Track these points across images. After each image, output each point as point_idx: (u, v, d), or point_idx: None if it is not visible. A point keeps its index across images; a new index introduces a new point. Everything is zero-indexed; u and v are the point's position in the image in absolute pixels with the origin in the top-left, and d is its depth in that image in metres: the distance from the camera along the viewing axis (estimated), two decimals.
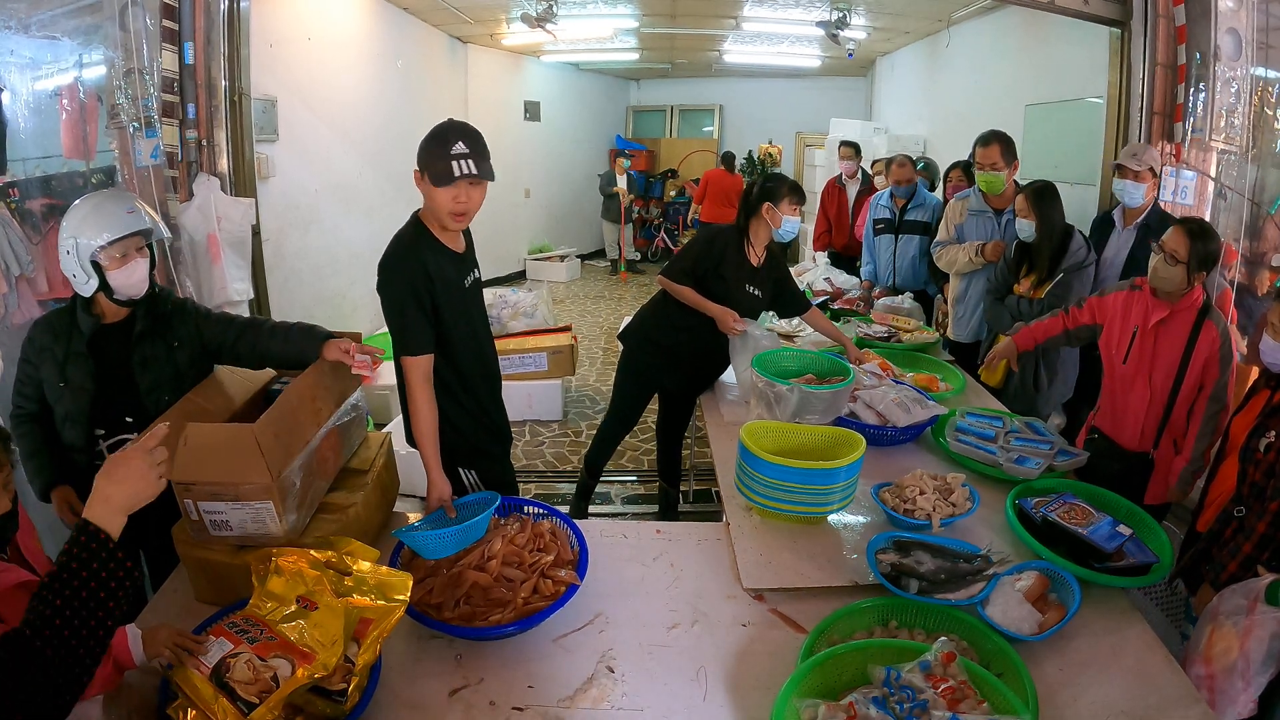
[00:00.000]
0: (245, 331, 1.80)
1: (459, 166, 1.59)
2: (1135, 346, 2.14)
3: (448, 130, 1.62)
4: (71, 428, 1.72)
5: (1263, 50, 2.87)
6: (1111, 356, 2.23)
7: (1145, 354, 2.12)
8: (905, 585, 1.44)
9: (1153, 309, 2.10)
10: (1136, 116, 3.08)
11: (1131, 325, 2.16)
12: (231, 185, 2.96)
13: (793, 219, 2.48)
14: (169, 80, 2.77)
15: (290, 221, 4.56)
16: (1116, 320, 2.21)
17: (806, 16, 5.67)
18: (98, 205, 1.66)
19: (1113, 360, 2.22)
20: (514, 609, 1.36)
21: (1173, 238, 2.00)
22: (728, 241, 2.53)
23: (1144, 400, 2.14)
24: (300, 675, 1.10)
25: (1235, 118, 2.91)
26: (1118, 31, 3.13)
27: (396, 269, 1.67)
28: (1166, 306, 2.07)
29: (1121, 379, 2.19)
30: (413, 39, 6.16)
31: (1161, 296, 2.08)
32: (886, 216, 3.83)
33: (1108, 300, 2.25)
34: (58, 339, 1.70)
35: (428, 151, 1.61)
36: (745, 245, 2.53)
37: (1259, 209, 2.86)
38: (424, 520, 1.62)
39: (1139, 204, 2.70)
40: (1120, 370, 2.18)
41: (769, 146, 9.78)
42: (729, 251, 2.52)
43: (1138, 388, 2.15)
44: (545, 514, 1.62)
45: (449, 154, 1.59)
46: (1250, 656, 1.30)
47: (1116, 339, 2.20)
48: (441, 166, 1.59)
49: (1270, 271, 2.81)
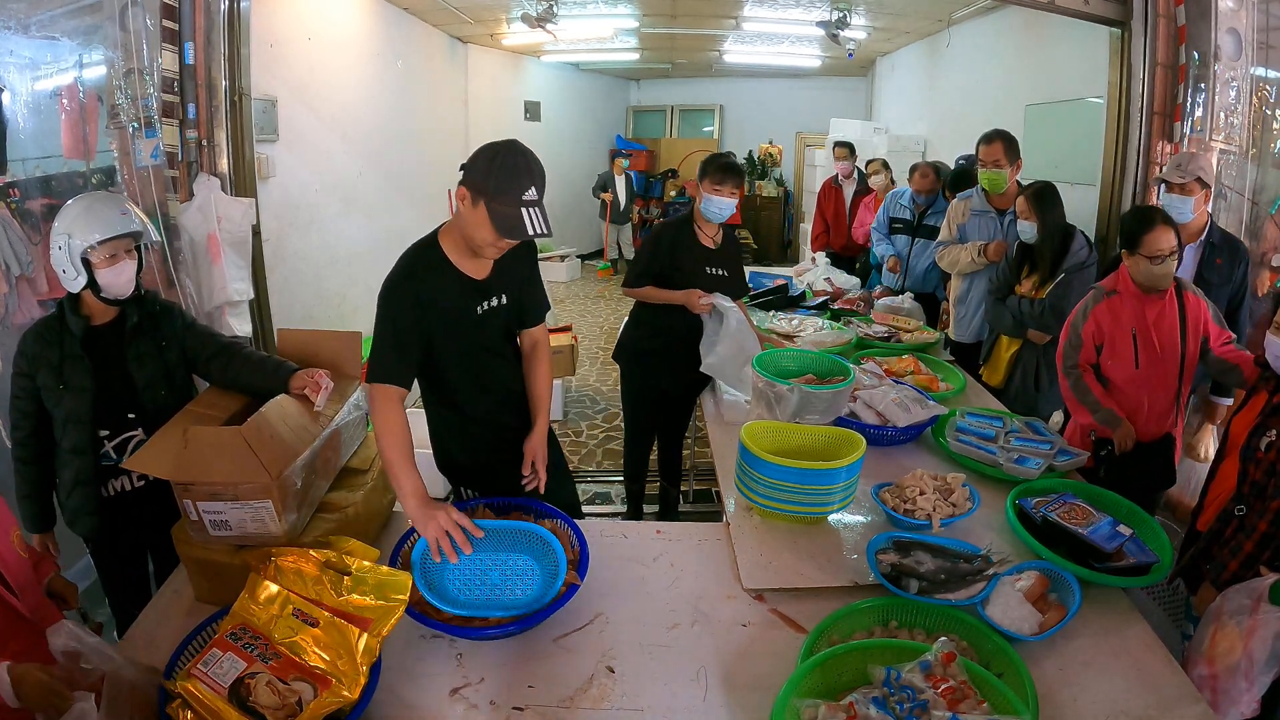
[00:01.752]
0: (220, 353, 1.81)
1: (532, 223, 1.44)
2: (1140, 349, 2.13)
3: (520, 168, 1.45)
4: (74, 429, 1.72)
5: (1263, 50, 2.87)
6: (1118, 369, 2.19)
7: (1152, 350, 2.13)
8: (905, 585, 1.43)
9: (1148, 307, 2.12)
10: (1136, 116, 3.08)
11: (1127, 330, 2.15)
12: (231, 185, 2.96)
13: (713, 198, 2.46)
14: (169, 80, 2.77)
15: (290, 221, 4.56)
16: (1116, 333, 2.17)
17: (806, 16, 5.68)
18: (90, 205, 1.68)
19: (1121, 370, 2.18)
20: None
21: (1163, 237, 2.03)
22: (675, 232, 2.56)
23: (1161, 390, 2.16)
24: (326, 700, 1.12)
25: (1235, 118, 2.91)
26: (1118, 31, 3.13)
27: (388, 294, 1.56)
28: (1158, 299, 2.10)
29: (1134, 382, 2.17)
30: (413, 39, 6.16)
31: (1151, 293, 2.11)
32: (906, 217, 3.81)
33: (1095, 321, 2.19)
34: (49, 345, 1.70)
35: (493, 184, 1.44)
36: (695, 230, 2.55)
37: (1259, 209, 2.86)
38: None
39: (1189, 220, 2.41)
40: (1133, 375, 2.17)
41: (769, 146, 9.79)
42: (679, 241, 2.53)
43: (1153, 383, 2.15)
44: (545, 514, 1.61)
45: (520, 199, 1.44)
46: (1253, 656, 1.30)
47: (1120, 351, 2.17)
48: (511, 214, 1.44)
49: (1270, 271, 2.81)
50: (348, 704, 1.13)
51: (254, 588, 1.27)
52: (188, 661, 1.20)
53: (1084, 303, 2.25)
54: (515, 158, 1.46)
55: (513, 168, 1.45)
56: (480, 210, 1.47)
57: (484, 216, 1.46)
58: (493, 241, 1.51)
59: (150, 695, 1.14)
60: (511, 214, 1.44)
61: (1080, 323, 2.23)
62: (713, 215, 2.50)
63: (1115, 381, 2.22)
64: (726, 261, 2.60)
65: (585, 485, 3.70)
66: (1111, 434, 2.18)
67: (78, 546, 1.90)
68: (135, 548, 1.90)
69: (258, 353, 1.84)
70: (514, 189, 1.44)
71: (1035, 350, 2.75)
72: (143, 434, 1.77)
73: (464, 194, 1.49)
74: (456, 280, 1.61)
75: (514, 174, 1.45)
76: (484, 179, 1.45)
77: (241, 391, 1.76)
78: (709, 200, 2.47)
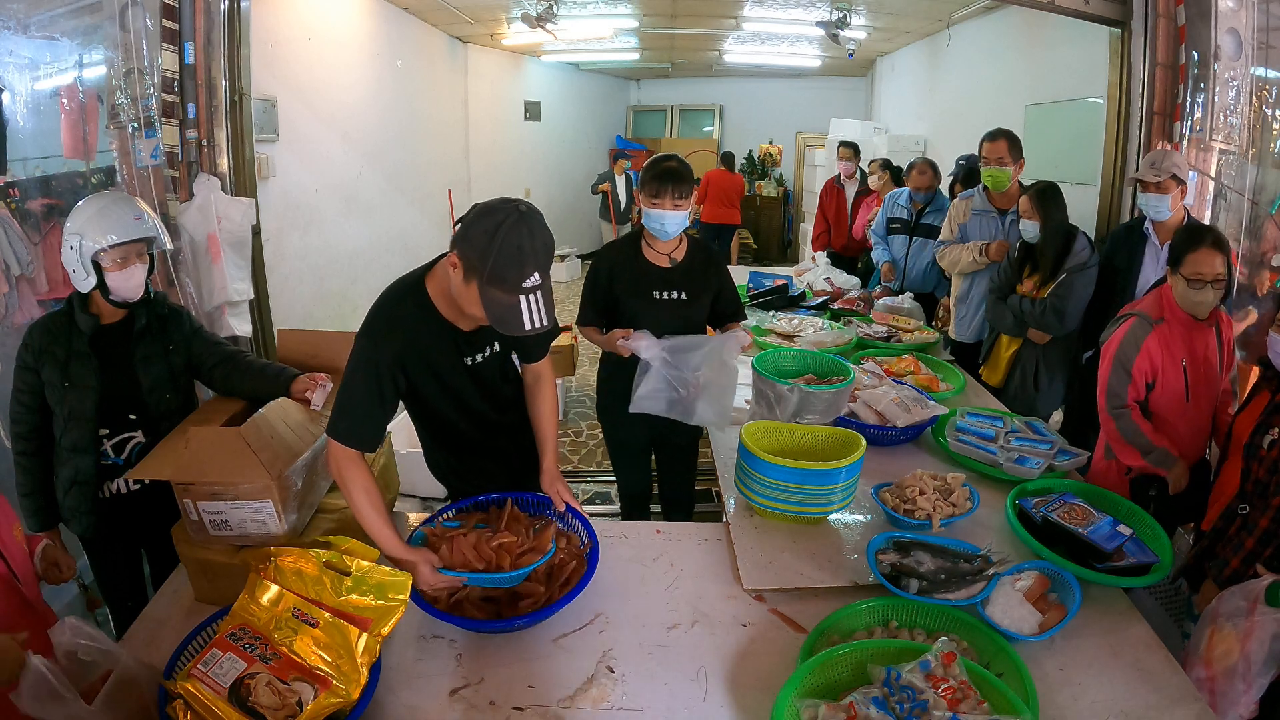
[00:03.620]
0: (223, 363, 1.82)
1: (532, 316, 1.27)
2: (1190, 379, 1.98)
3: (523, 250, 1.25)
4: (76, 427, 1.72)
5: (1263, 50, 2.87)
6: (1170, 404, 2.00)
7: (1200, 378, 1.99)
8: (905, 585, 1.44)
9: (1195, 336, 1.97)
10: (1136, 116, 3.08)
11: (1178, 362, 1.97)
12: (231, 185, 2.96)
13: (651, 212, 2.00)
14: (169, 80, 2.77)
15: (290, 221, 4.56)
16: (1168, 365, 1.98)
17: (806, 16, 5.68)
18: (105, 207, 1.67)
19: (1172, 405, 2.00)
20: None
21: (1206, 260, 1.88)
22: (614, 256, 2.15)
23: (1204, 418, 2.05)
24: (324, 701, 1.12)
25: (1235, 118, 2.91)
26: (1118, 31, 3.13)
27: (366, 345, 1.42)
28: (1206, 326, 1.98)
29: (1184, 416, 2.02)
30: (413, 39, 6.16)
31: (1202, 321, 1.97)
32: (903, 216, 3.81)
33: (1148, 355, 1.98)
34: (57, 340, 1.70)
35: (490, 268, 1.25)
36: (643, 248, 2.13)
37: (1259, 209, 2.86)
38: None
39: (1166, 217, 2.46)
40: (1183, 408, 2.01)
41: (769, 146, 9.79)
42: (617, 265, 2.12)
43: (1203, 409, 2.03)
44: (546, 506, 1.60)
45: (520, 285, 1.25)
46: (1251, 658, 1.30)
47: (1170, 384, 1.99)
48: (508, 305, 1.26)
49: (1270, 271, 2.81)
50: (348, 704, 1.14)
51: (254, 588, 1.27)
52: (188, 661, 1.20)
53: (1129, 334, 2.00)
54: (519, 238, 1.25)
55: (515, 251, 1.24)
56: (473, 290, 1.29)
57: (476, 297, 1.29)
58: (478, 315, 1.35)
59: (151, 694, 1.14)
60: (509, 304, 1.27)
61: (1131, 357, 1.98)
62: (656, 231, 2.04)
63: (1163, 416, 2.02)
64: (689, 281, 2.12)
65: (585, 485, 3.71)
66: (1163, 473, 1.99)
67: (77, 547, 1.90)
68: (130, 549, 1.90)
69: (260, 360, 1.84)
70: (514, 276, 1.25)
71: (1035, 350, 2.75)
72: (142, 436, 1.77)
73: (456, 263, 1.30)
74: (443, 333, 1.46)
75: (516, 259, 1.25)
76: (480, 259, 1.25)
77: (244, 398, 1.76)
78: (647, 215, 2.02)
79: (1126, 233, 2.69)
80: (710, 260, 2.21)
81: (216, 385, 1.82)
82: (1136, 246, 2.58)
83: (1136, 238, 2.59)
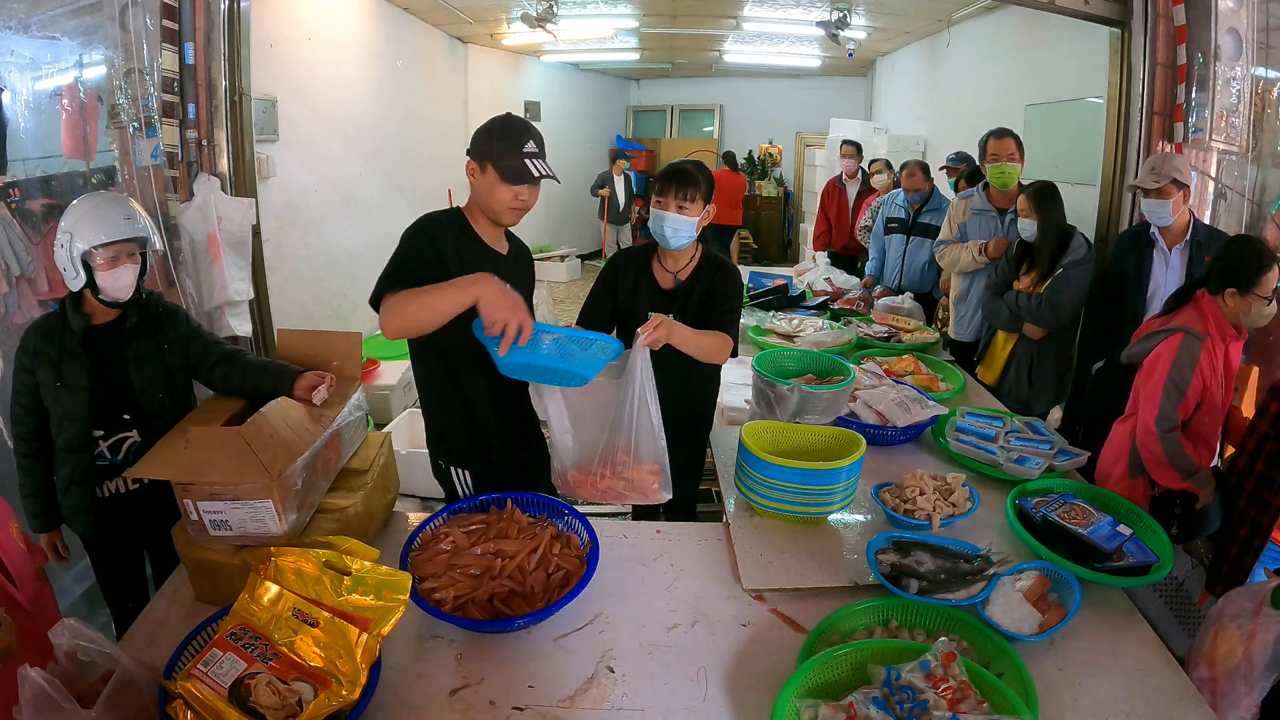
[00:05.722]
0: (222, 362, 1.81)
1: (535, 167, 1.58)
2: (1225, 393, 1.99)
3: (518, 127, 1.60)
4: (70, 426, 1.72)
5: (1263, 50, 2.87)
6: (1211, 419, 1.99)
7: (1229, 389, 2.00)
8: (905, 585, 1.43)
9: (1232, 346, 1.97)
10: (1136, 116, 3.08)
11: (1219, 376, 1.96)
12: (231, 185, 2.96)
13: (656, 212, 1.90)
14: (169, 80, 2.77)
15: (290, 221, 4.56)
16: (1212, 382, 1.96)
17: (806, 16, 5.68)
18: (96, 206, 1.68)
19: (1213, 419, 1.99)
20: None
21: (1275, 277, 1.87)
22: (621, 264, 2.04)
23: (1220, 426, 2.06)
24: (324, 700, 1.12)
25: (1235, 118, 2.91)
26: (1118, 31, 3.13)
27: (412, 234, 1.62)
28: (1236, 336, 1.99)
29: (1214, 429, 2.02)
30: (413, 39, 6.16)
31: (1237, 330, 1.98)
32: (900, 216, 3.82)
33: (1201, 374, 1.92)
34: (50, 341, 1.70)
35: (496, 146, 1.58)
36: (652, 262, 2.01)
37: (1259, 209, 2.86)
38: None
39: (1169, 222, 2.44)
40: (1218, 421, 2.01)
41: (769, 146, 9.79)
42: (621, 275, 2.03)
43: (1221, 417, 2.04)
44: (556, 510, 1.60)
45: (522, 152, 1.57)
46: (1254, 660, 1.30)
47: (1213, 399, 1.96)
48: (516, 164, 1.57)
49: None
50: (348, 704, 1.13)
51: (254, 588, 1.27)
52: (188, 661, 1.20)
53: (1182, 353, 1.92)
54: (511, 120, 1.61)
55: (511, 128, 1.59)
56: (489, 173, 1.58)
57: (494, 176, 1.58)
58: (508, 200, 1.59)
59: (151, 694, 1.14)
60: (517, 163, 1.56)
61: (1187, 378, 1.91)
62: (658, 235, 1.93)
63: (1199, 431, 1.99)
64: (686, 307, 1.96)
65: None
66: (1197, 490, 1.95)
67: (78, 547, 1.90)
68: (131, 549, 1.90)
69: (260, 358, 1.84)
70: (515, 145, 1.57)
71: (1030, 347, 2.76)
72: (137, 436, 1.77)
73: (473, 167, 1.61)
74: (480, 248, 1.68)
75: (513, 133, 1.58)
76: (487, 144, 1.59)
77: (244, 397, 1.75)
78: (652, 216, 1.93)
79: (1133, 238, 2.66)
80: (715, 283, 1.97)
81: (216, 384, 1.82)
82: (1144, 252, 2.56)
83: (1143, 243, 2.57)
